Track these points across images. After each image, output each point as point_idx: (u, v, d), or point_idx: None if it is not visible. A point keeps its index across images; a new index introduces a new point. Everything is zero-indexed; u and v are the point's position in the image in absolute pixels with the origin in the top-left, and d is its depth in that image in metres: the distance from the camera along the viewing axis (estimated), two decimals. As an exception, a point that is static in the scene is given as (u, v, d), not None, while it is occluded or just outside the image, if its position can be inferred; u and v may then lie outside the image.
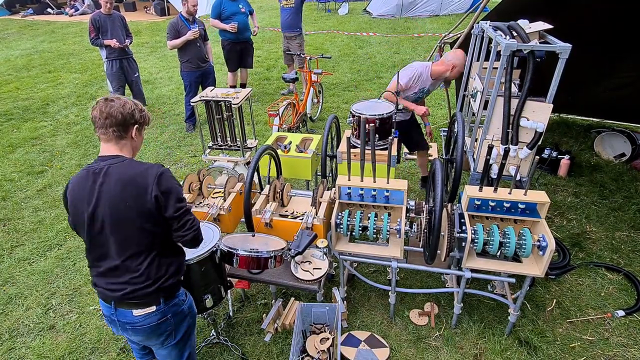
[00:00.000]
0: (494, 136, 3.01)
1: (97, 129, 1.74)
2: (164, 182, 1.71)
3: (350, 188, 2.72)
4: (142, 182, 1.68)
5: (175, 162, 5.23)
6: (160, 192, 1.69)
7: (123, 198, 1.67)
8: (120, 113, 1.72)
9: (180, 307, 1.92)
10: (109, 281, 1.77)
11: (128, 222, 1.69)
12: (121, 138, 1.77)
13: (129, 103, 1.77)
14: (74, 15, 15.43)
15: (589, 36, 3.86)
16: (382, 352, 2.71)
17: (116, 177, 1.68)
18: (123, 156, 1.76)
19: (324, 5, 15.69)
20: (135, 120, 1.79)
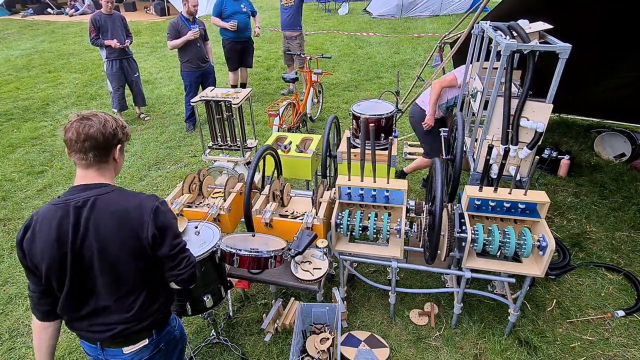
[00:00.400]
0: (494, 136, 3.01)
1: (72, 154, 1.48)
2: (161, 217, 1.53)
3: (350, 188, 2.72)
4: (137, 217, 1.49)
5: (175, 162, 5.23)
6: (156, 229, 1.51)
7: (118, 234, 1.47)
8: (102, 134, 1.47)
9: (173, 334, 1.79)
10: (93, 323, 1.58)
11: (121, 261, 1.50)
12: (103, 162, 1.53)
13: (110, 120, 1.52)
14: (74, 15, 15.43)
15: (589, 36, 3.86)
16: (382, 352, 2.71)
17: (108, 210, 1.47)
18: (108, 184, 1.54)
19: (324, 5, 15.69)
20: (118, 140, 1.55)
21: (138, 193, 1.57)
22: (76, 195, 1.48)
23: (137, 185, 4.73)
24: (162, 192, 4.58)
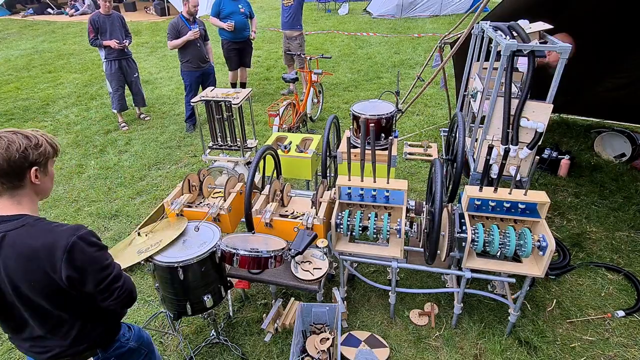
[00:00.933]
0: (494, 136, 3.01)
1: None
2: (78, 257, 1.34)
3: (350, 188, 2.72)
4: (47, 259, 1.32)
5: (176, 162, 5.23)
6: (73, 270, 1.34)
7: (26, 277, 1.33)
8: (6, 160, 1.29)
9: (126, 347, 1.69)
10: (33, 345, 1.53)
11: (39, 303, 1.39)
12: (16, 188, 1.36)
13: (16, 142, 1.32)
14: (74, 15, 15.43)
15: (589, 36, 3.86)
16: (382, 352, 2.71)
17: (15, 251, 1.32)
18: (22, 215, 1.37)
19: (324, 5, 15.69)
20: (31, 162, 1.36)
21: (55, 226, 1.37)
22: None
23: (137, 185, 4.74)
24: (162, 192, 4.58)
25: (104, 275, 1.43)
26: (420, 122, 6.02)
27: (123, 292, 1.49)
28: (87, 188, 4.73)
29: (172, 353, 2.80)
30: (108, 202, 4.46)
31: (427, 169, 4.80)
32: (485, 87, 3.19)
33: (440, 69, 4.79)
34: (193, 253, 2.32)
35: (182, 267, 2.29)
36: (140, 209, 4.30)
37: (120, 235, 3.94)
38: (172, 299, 2.49)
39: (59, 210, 4.34)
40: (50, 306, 1.42)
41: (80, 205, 4.40)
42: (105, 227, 4.07)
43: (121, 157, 5.37)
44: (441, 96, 6.50)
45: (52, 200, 4.50)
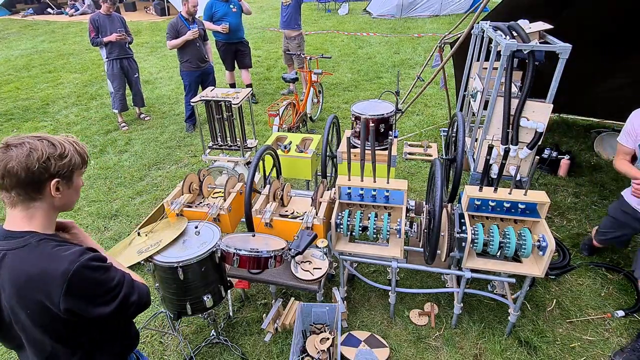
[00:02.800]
0: (494, 136, 3.01)
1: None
2: (77, 286, 1.19)
3: (350, 188, 2.72)
4: (44, 288, 1.17)
5: (175, 162, 5.23)
6: (74, 301, 1.20)
7: (21, 306, 1.22)
8: (24, 169, 1.17)
9: None
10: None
11: (35, 331, 1.27)
12: (32, 200, 1.23)
13: (39, 150, 1.20)
14: (74, 15, 15.43)
15: (589, 36, 3.86)
16: (382, 352, 2.71)
17: (11, 275, 1.20)
18: (28, 233, 1.24)
19: (324, 5, 15.69)
20: (52, 174, 1.22)
21: (58, 249, 1.22)
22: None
23: (137, 186, 4.74)
24: (162, 192, 4.58)
25: (113, 296, 1.30)
26: (420, 122, 6.02)
27: (139, 304, 1.38)
28: (87, 188, 4.73)
29: (172, 353, 2.80)
30: (108, 202, 4.46)
31: (427, 169, 4.80)
32: (485, 87, 3.19)
33: (440, 69, 4.79)
34: (193, 253, 2.32)
35: (182, 267, 2.29)
36: (140, 209, 4.30)
37: (120, 235, 3.93)
38: (172, 299, 2.49)
39: (59, 210, 4.34)
40: (47, 338, 1.29)
41: (80, 205, 4.40)
42: (105, 227, 4.07)
43: (121, 157, 5.37)
44: (441, 96, 6.50)
45: (52, 200, 4.50)
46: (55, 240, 1.28)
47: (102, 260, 1.30)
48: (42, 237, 1.25)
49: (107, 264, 1.32)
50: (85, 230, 4.00)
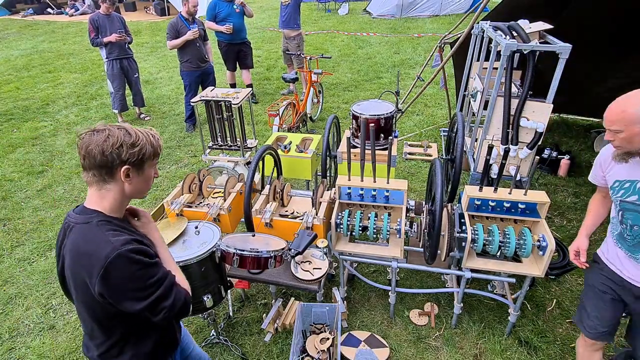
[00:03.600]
0: (494, 136, 3.01)
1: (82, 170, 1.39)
2: (113, 274, 1.25)
3: (350, 188, 2.72)
4: (86, 267, 1.28)
5: (175, 162, 5.23)
6: (106, 288, 1.27)
7: (74, 277, 1.34)
8: (100, 152, 1.29)
9: None
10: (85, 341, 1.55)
11: (80, 305, 1.40)
12: (105, 182, 1.35)
13: (115, 136, 1.30)
14: (74, 15, 15.43)
15: (589, 36, 3.86)
16: (382, 352, 2.71)
17: (71, 248, 1.33)
18: (95, 213, 1.35)
19: (324, 5, 15.69)
20: (123, 160, 1.32)
21: (110, 234, 1.30)
22: (68, 218, 1.40)
23: (137, 185, 4.73)
24: (162, 192, 4.58)
25: (146, 294, 1.31)
26: (420, 122, 6.02)
27: (171, 311, 1.36)
28: (87, 188, 4.72)
29: (172, 353, 2.79)
30: (108, 202, 4.46)
31: (427, 169, 4.80)
32: (485, 87, 3.19)
33: (440, 69, 4.79)
34: (193, 253, 2.32)
35: (182, 267, 2.28)
36: (140, 209, 4.30)
37: (120, 235, 3.93)
38: (172, 299, 2.49)
39: (59, 210, 4.34)
40: (87, 315, 1.40)
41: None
42: (105, 227, 4.06)
43: (121, 157, 5.37)
44: (441, 96, 6.50)
45: (52, 201, 4.50)
46: (115, 225, 1.36)
47: (147, 255, 1.33)
48: (105, 218, 1.35)
49: (151, 261, 1.34)
50: (85, 230, 4.02)
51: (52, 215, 4.25)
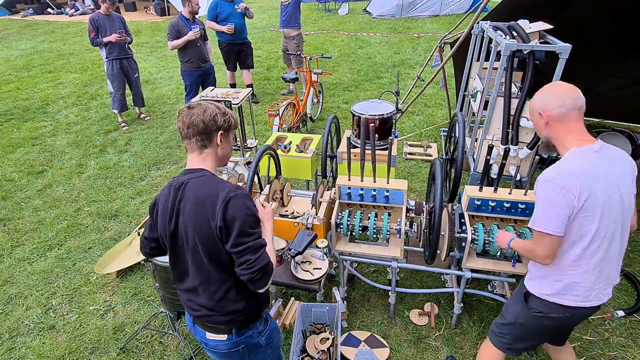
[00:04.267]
0: (494, 136, 3.01)
1: (183, 140, 1.67)
2: (230, 209, 1.52)
3: (350, 188, 2.72)
4: (210, 207, 1.53)
5: (175, 162, 5.23)
6: (223, 221, 1.51)
7: (195, 221, 1.56)
8: (202, 121, 1.60)
9: (255, 339, 1.77)
10: (189, 299, 1.72)
11: (199, 247, 1.58)
12: (205, 147, 1.65)
13: (210, 109, 1.64)
14: (74, 15, 15.43)
15: (589, 36, 3.86)
16: (382, 352, 2.71)
17: (191, 195, 1.58)
18: (204, 170, 1.65)
19: (324, 5, 15.69)
20: (219, 127, 1.64)
21: (225, 182, 1.62)
22: (177, 178, 1.66)
23: (137, 185, 4.74)
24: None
25: (243, 241, 1.53)
26: (420, 122, 6.02)
27: (251, 267, 1.53)
28: (87, 188, 4.73)
29: (172, 353, 2.80)
30: (108, 202, 4.46)
31: (427, 169, 4.80)
32: (485, 87, 3.19)
33: (440, 69, 4.79)
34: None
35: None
36: (140, 209, 4.30)
37: (120, 235, 3.94)
38: (172, 299, 2.50)
39: (59, 210, 4.34)
40: (207, 254, 1.58)
41: (80, 205, 4.40)
42: (105, 227, 4.07)
43: (121, 157, 5.37)
44: (441, 96, 6.50)
45: (52, 200, 4.50)
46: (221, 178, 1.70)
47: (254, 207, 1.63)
48: (212, 174, 1.67)
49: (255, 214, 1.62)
50: (85, 231, 4.02)
51: (52, 215, 4.25)
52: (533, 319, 1.95)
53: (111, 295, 3.29)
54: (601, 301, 1.86)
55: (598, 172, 1.68)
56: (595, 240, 1.75)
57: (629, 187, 1.74)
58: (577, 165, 1.69)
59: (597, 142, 1.77)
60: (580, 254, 1.77)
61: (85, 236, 3.95)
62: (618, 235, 1.79)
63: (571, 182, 1.64)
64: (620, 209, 1.72)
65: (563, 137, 1.78)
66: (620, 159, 1.77)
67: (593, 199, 1.65)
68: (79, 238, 3.93)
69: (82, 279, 3.44)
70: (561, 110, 1.73)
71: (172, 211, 1.61)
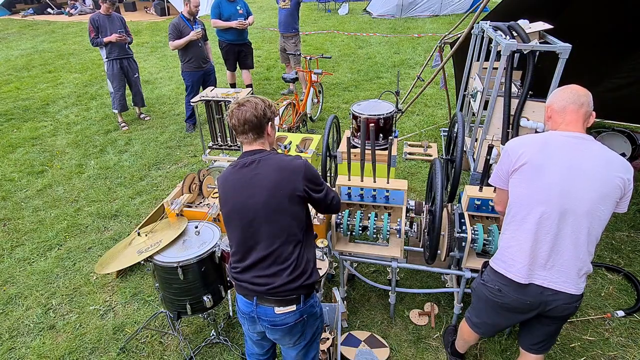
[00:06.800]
0: (494, 136, 3.01)
1: (238, 136, 1.86)
2: (308, 172, 1.84)
3: (350, 188, 2.72)
4: (293, 174, 1.80)
5: (176, 162, 5.23)
6: (306, 180, 1.82)
7: (279, 185, 1.77)
8: (255, 117, 1.79)
9: (314, 309, 1.95)
10: (256, 274, 1.82)
11: (281, 209, 1.78)
12: (260, 137, 1.86)
13: (259, 103, 1.83)
14: (74, 15, 15.43)
15: (589, 36, 3.86)
16: (382, 352, 2.71)
17: (272, 166, 1.80)
18: (267, 150, 1.87)
19: (324, 5, 15.68)
20: (268, 118, 1.86)
21: (290, 156, 1.88)
22: (244, 159, 1.84)
23: (137, 185, 4.74)
24: (162, 192, 4.58)
25: (322, 188, 1.93)
26: (420, 122, 6.02)
27: (334, 198, 2.03)
28: (87, 188, 4.73)
29: (172, 353, 2.80)
30: (108, 202, 4.46)
31: (427, 169, 4.80)
32: (485, 87, 3.19)
33: (440, 69, 4.79)
34: (193, 253, 2.32)
35: (182, 267, 2.29)
36: (140, 209, 4.30)
37: (120, 235, 3.94)
38: (172, 299, 2.50)
39: (59, 210, 4.34)
40: (288, 213, 1.79)
41: (80, 205, 4.40)
42: (105, 227, 4.07)
43: (121, 157, 5.37)
44: (441, 96, 6.49)
45: (52, 200, 4.50)
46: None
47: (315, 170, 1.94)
48: (276, 152, 1.92)
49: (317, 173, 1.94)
50: (85, 231, 4.02)
51: (52, 215, 4.25)
52: (478, 286, 2.12)
53: (111, 295, 3.29)
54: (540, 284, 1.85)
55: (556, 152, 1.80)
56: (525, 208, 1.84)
57: (596, 190, 1.74)
58: (531, 138, 1.88)
59: (584, 135, 1.84)
60: (509, 220, 1.92)
61: (85, 236, 3.95)
62: (568, 230, 1.79)
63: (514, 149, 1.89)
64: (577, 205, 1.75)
65: (557, 127, 1.88)
66: (605, 161, 1.77)
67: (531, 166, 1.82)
68: (79, 238, 3.93)
69: (82, 279, 3.44)
70: (562, 104, 1.87)
71: (247, 185, 1.79)
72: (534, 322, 2.07)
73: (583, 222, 1.77)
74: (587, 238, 1.80)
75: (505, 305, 1.99)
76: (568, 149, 1.80)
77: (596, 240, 1.84)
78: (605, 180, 1.74)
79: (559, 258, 1.83)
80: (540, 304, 1.91)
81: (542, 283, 1.86)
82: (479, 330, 2.27)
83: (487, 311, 2.14)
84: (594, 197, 1.74)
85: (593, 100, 1.90)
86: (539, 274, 1.86)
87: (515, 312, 2.01)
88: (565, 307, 1.89)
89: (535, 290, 1.87)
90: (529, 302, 1.92)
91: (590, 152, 1.79)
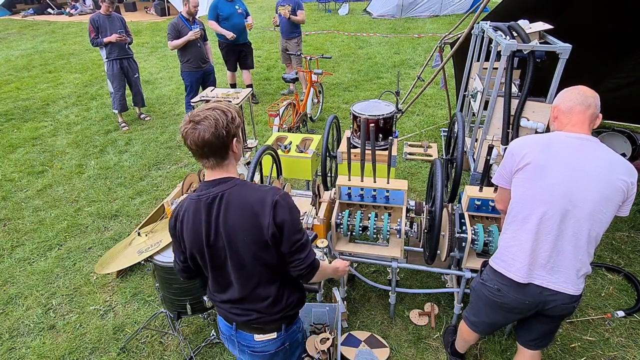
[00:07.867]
0: (494, 136, 3.01)
1: (198, 159, 1.54)
2: (280, 212, 1.50)
3: (351, 188, 2.72)
4: (259, 211, 1.50)
5: (176, 162, 5.23)
6: (275, 225, 1.50)
7: (242, 231, 1.51)
8: (216, 137, 1.46)
9: (297, 335, 1.83)
10: (234, 306, 1.68)
11: (248, 257, 1.55)
12: (224, 160, 1.55)
13: (219, 119, 1.47)
14: (74, 15, 15.44)
15: (589, 36, 3.87)
16: (382, 352, 2.71)
17: (233, 205, 1.51)
18: (233, 178, 1.56)
19: (324, 6, 15.69)
20: (233, 134, 1.53)
21: (260, 186, 1.58)
22: (206, 192, 1.54)
23: (137, 186, 4.74)
24: (162, 192, 4.58)
25: (296, 239, 1.55)
26: (420, 122, 6.02)
27: (302, 264, 1.59)
28: (87, 188, 4.73)
29: (172, 353, 2.80)
30: (108, 202, 4.46)
31: (427, 169, 4.80)
32: (485, 87, 3.19)
33: (440, 69, 4.79)
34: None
35: (182, 267, 2.28)
36: (140, 209, 4.31)
37: (120, 235, 3.94)
38: (172, 299, 2.50)
39: (59, 210, 4.34)
40: (256, 260, 1.55)
41: (80, 205, 4.40)
42: (105, 227, 4.07)
43: (121, 157, 5.37)
44: (441, 96, 6.50)
45: (52, 200, 4.50)
46: (251, 183, 1.71)
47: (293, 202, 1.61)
48: (242, 180, 1.59)
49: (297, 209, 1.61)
50: (85, 231, 4.02)
51: (52, 215, 4.25)
52: (477, 285, 2.11)
53: (111, 295, 3.29)
54: (540, 284, 1.86)
55: (560, 153, 1.79)
56: (527, 208, 1.83)
57: (599, 192, 1.73)
58: (535, 138, 1.87)
59: (589, 136, 1.83)
60: (511, 219, 1.91)
61: (85, 236, 3.95)
62: (569, 231, 1.79)
63: (518, 149, 1.86)
64: (579, 207, 1.75)
65: (562, 127, 1.87)
66: (609, 163, 1.76)
67: (534, 167, 1.80)
68: (79, 238, 3.93)
69: (82, 279, 3.44)
70: (569, 105, 1.85)
71: (209, 225, 1.53)
72: (532, 320, 2.07)
73: (584, 223, 1.77)
74: (588, 239, 1.80)
75: (504, 305, 1.99)
76: (572, 150, 1.79)
77: (596, 242, 1.84)
78: (608, 182, 1.73)
79: (559, 259, 1.83)
80: (539, 304, 1.91)
81: (541, 283, 1.86)
82: (476, 328, 2.28)
83: (485, 310, 2.14)
84: (596, 198, 1.74)
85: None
86: (538, 274, 1.86)
87: (513, 311, 2.01)
88: (563, 307, 1.90)
89: (534, 290, 1.88)
90: (527, 302, 1.92)
91: (594, 154, 1.78)
